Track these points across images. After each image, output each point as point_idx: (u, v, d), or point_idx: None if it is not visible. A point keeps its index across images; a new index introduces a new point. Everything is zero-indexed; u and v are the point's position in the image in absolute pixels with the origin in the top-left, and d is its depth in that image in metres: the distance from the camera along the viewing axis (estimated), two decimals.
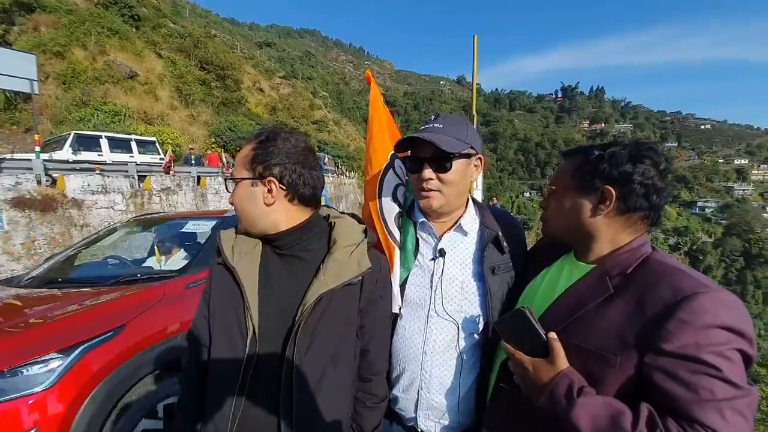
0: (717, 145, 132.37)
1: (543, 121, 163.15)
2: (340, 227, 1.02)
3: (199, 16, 64.80)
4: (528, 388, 0.85)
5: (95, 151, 10.95)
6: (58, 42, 16.94)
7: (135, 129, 15.76)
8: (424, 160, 1.06)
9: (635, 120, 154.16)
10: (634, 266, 0.83)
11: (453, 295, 1.10)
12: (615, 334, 0.78)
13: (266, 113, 31.49)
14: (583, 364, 0.80)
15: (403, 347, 1.14)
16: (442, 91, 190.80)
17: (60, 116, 14.86)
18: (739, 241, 59.94)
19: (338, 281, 0.93)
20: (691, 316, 0.70)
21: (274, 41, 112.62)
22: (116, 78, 18.41)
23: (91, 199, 8.57)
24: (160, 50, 23.52)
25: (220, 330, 0.96)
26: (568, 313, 0.87)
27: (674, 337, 0.70)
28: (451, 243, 1.14)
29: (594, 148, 0.91)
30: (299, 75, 63.12)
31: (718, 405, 0.66)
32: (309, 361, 0.91)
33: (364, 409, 1.05)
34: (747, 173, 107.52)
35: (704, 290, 0.71)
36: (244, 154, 0.96)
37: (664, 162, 0.83)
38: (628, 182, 0.83)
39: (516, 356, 0.87)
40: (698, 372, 0.68)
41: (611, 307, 0.81)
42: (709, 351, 0.68)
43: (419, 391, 1.10)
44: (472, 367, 1.11)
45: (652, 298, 0.75)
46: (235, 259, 0.96)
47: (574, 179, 0.92)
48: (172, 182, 10.71)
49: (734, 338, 0.69)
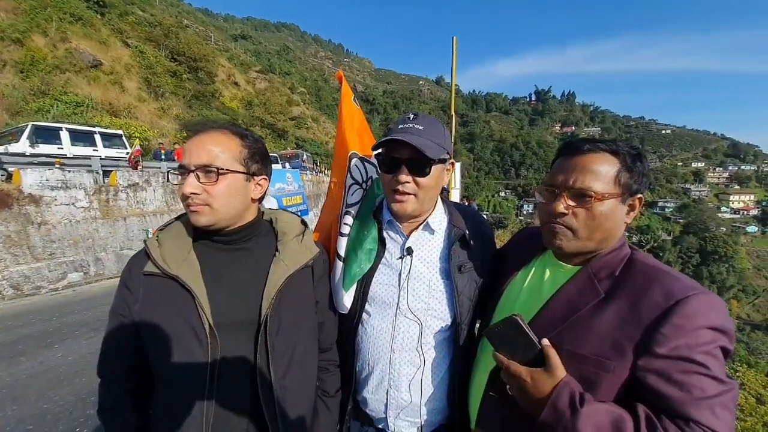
0: (676, 148, 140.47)
1: (518, 123, 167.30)
2: (282, 221, 1.11)
3: (170, 4, 62.02)
4: (526, 401, 0.81)
5: (55, 144, 10.25)
6: (17, 28, 15.82)
7: (99, 121, 14.92)
8: (401, 161, 1.02)
9: (603, 124, 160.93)
10: (621, 268, 0.84)
11: (420, 293, 1.10)
12: (610, 339, 0.77)
13: (241, 108, 30.62)
14: (578, 370, 0.79)
15: (371, 346, 1.13)
16: (422, 90, 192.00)
17: (16, 106, 13.86)
18: (695, 239, 63.93)
19: (298, 264, 1.03)
20: (684, 320, 0.72)
21: (251, 34, 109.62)
22: (79, 67, 17.34)
23: (50, 195, 8.05)
24: (128, 39, 22.37)
25: (170, 340, 0.90)
26: (560, 318, 0.85)
27: (668, 340, 0.72)
28: (419, 241, 1.13)
29: (617, 146, 0.86)
30: (276, 70, 61.74)
31: (709, 402, 0.69)
32: (280, 340, 0.96)
33: (327, 375, 1.18)
34: (703, 175, 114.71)
35: (694, 293, 0.73)
36: (234, 148, 0.94)
37: None
38: (645, 186, 0.85)
39: (512, 368, 0.82)
40: (689, 371, 0.71)
41: (604, 312, 0.80)
42: (699, 351, 0.71)
43: (388, 391, 1.10)
44: (441, 363, 1.11)
45: (646, 303, 0.76)
46: (173, 267, 0.92)
47: (616, 184, 0.83)
48: (140, 178, 10.22)
49: (719, 336, 0.72)
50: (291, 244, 1.05)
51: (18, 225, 7.41)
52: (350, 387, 1.19)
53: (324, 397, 1.16)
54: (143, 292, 0.93)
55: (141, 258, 0.96)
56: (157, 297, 0.92)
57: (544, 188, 0.92)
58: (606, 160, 0.84)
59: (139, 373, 0.96)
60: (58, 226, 8.06)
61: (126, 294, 0.95)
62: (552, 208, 0.87)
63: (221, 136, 0.94)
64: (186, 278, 0.91)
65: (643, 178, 0.85)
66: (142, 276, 0.93)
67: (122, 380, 0.97)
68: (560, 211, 0.85)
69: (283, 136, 32.86)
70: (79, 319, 5.67)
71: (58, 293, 7.40)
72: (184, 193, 0.89)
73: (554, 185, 0.88)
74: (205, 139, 0.92)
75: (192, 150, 0.91)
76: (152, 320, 0.91)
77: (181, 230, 1.00)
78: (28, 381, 3.80)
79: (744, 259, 67.17)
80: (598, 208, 0.83)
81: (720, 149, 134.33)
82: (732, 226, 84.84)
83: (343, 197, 1.26)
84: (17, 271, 7.11)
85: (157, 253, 0.94)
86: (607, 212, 0.83)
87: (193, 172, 0.89)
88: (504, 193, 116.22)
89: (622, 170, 0.83)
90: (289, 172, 12.40)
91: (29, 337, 4.95)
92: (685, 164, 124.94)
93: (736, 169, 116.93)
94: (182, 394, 0.91)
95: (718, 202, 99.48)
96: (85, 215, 8.63)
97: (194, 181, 0.89)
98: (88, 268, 8.30)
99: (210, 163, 0.90)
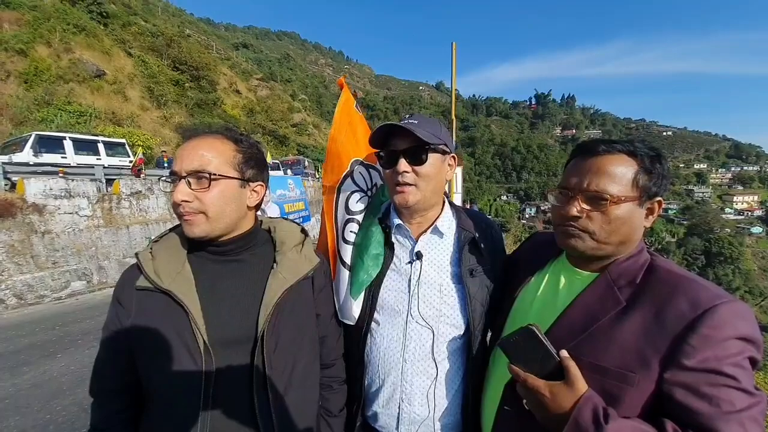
0: (678, 150, 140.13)
1: (518, 127, 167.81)
2: (281, 230, 1.05)
3: (173, 15, 62.79)
4: (545, 416, 0.77)
5: (58, 153, 10.34)
6: (20, 39, 16.04)
7: (102, 130, 15.06)
8: (399, 153, 1.03)
9: (603, 126, 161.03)
10: (641, 275, 0.80)
11: (432, 299, 1.06)
12: (633, 351, 0.74)
13: (243, 115, 30.83)
14: (600, 383, 0.74)
15: (381, 356, 1.08)
16: (421, 96, 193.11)
17: (20, 116, 14.01)
18: (700, 241, 63.53)
19: (297, 276, 0.98)
20: (713, 330, 0.69)
21: (252, 42, 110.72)
22: (82, 77, 17.55)
23: (53, 204, 8.10)
24: (130, 48, 22.63)
25: (163, 357, 0.86)
26: (579, 328, 0.81)
27: (697, 352, 0.69)
28: (428, 245, 1.10)
29: (634, 147, 0.82)
30: (277, 77, 62.21)
31: (738, 417, 0.66)
32: (279, 358, 0.92)
33: (330, 393, 1.11)
34: (706, 177, 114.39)
35: (721, 302, 0.70)
36: (228, 153, 0.90)
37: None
38: (665, 189, 0.82)
39: (529, 381, 0.78)
40: (718, 384, 0.68)
41: (626, 321, 0.76)
42: (728, 362, 0.68)
43: (400, 404, 1.06)
44: (455, 374, 1.07)
45: (672, 313, 0.72)
46: (166, 281, 0.88)
47: (634, 187, 0.80)
48: (142, 186, 10.28)
49: (747, 347, 0.69)
50: (290, 254, 1.01)
51: (22, 234, 7.44)
52: (359, 402, 1.13)
53: (327, 416, 1.10)
54: (136, 308, 0.88)
55: (133, 272, 0.92)
56: (150, 312, 0.88)
57: (558, 191, 0.88)
58: (623, 161, 0.81)
59: (132, 391, 0.92)
60: (62, 234, 8.09)
61: (119, 309, 0.90)
62: (565, 211, 0.83)
63: (214, 141, 0.89)
64: (179, 293, 0.87)
65: (662, 180, 0.82)
66: (134, 290, 0.89)
67: (115, 399, 0.92)
68: (573, 214, 0.82)
69: (285, 142, 33.01)
70: (82, 328, 5.66)
71: (61, 302, 7.41)
72: (175, 201, 0.85)
73: (568, 188, 0.85)
74: (196, 144, 0.88)
75: (183, 156, 0.86)
76: (145, 337, 0.87)
77: (175, 242, 0.95)
78: (31, 391, 3.78)
79: (749, 260, 66.68)
80: (614, 211, 0.79)
81: (722, 150, 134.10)
82: (736, 227, 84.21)
83: (336, 201, 1.24)
84: (21, 280, 7.13)
85: (150, 266, 0.89)
86: (624, 216, 0.80)
87: (184, 178, 0.85)
88: (506, 196, 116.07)
89: (640, 172, 0.80)
90: (290, 179, 12.44)
91: (32, 346, 4.95)
92: (687, 166, 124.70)
93: (739, 170, 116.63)
94: (176, 413, 0.86)
95: (721, 204, 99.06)
96: (88, 224, 8.67)
97: (185, 187, 0.84)
98: (91, 277, 8.31)
99: (202, 169, 0.85)
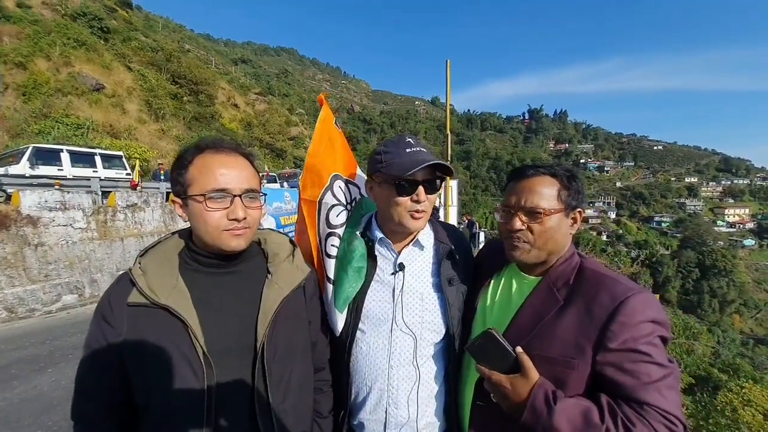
0: (669, 164, 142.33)
1: (512, 141, 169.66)
2: (272, 242, 1.10)
3: (173, 30, 63.81)
4: (509, 406, 0.90)
5: (55, 165, 10.33)
6: (20, 52, 16.20)
7: (100, 142, 15.06)
8: (419, 183, 1.06)
9: (596, 141, 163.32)
10: (573, 276, 0.97)
11: (414, 307, 1.13)
12: (572, 341, 0.90)
13: (241, 129, 31.02)
14: (549, 371, 0.90)
15: (367, 365, 1.13)
16: (417, 110, 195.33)
17: (17, 128, 14.01)
18: (693, 253, 63.85)
19: (292, 286, 1.03)
20: (627, 317, 0.85)
21: (250, 58, 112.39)
22: (81, 90, 17.65)
23: (48, 217, 8.06)
24: (130, 63, 22.87)
25: (162, 371, 0.86)
26: (529, 327, 0.96)
27: (617, 335, 0.85)
28: (410, 257, 1.17)
29: (554, 169, 1.01)
30: (275, 92, 62.99)
31: (656, 385, 0.81)
32: (278, 365, 0.96)
33: (321, 395, 1.17)
34: (697, 190, 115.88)
35: (632, 293, 0.87)
36: (251, 170, 0.96)
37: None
38: (582, 202, 1.01)
39: (493, 378, 0.92)
40: (637, 360, 0.83)
41: (564, 317, 0.93)
42: (642, 342, 0.84)
43: (387, 409, 1.10)
44: (436, 376, 1.14)
45: (597, 306, 0.89)
46: (162, 297, 0.88)
47: (559, 201, 0.97)
48: (138, 198, 10.26)
49: (657, 327, 0.86)
50: (283, 265, 1.05)
51: (15, 246, 7.38)
52: (344, 411, 1.17)
53: (318, 418, 1.14)
54: (127, 325, 0.87)
55: (122, 288, 0.90)
56: (145, 328, 0.87)
57: (502, 209, 1.06)
58: (547, 181, 0.99)
59: (119, 411, 0.90)
60: (55, 247, 8.02)
61: (105, 327, 0.88)
62: (510, 225, 1.00)
63: (248, 161, 0.97)
64: (178, 307, 0.87)
65: (579, 195, 1.00)
66: (125, 307, 0.88)
67: (101, 422, 0.89)
68: (517, 227, 0.99)
69: (282, 155, 33.18)
70: (73, 343, 5.58)
71: (52, 315, 7.30)
72: (236, 218, 0.89)
73: (509, 206, 1.02)
74: (243, 163, 0.94)
75: (232, 174, 0.90)
76: (142, 353, 0.86)
77: (164, 255, 0.95)
78: (21, 405, 3.73)
79: (743, 272, 67.06)
80: (547, 222, 0.96)
81: (712, 164, 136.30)
82: (729, 239, 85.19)
83: (318, 215, 1.27)
84: (12, 293, 7.03)
85: (143, 282, 0.89)
86: (555, 225, 0.97)
87: (238, 196, 0.90)
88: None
89: (561, 189, 0.98)
90: (287, 191, 12.47)
91: (22, 360, 4.87)
92: (678, 179, 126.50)
93: (729, 183, 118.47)
94: (179, 426, 0.87)
95: (713, 216, 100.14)
96: (83, 236, 8.61)
97: (242, 204, 0.91)
98: (83, 290, 8.21)
99: (254, 188, 0.94)
